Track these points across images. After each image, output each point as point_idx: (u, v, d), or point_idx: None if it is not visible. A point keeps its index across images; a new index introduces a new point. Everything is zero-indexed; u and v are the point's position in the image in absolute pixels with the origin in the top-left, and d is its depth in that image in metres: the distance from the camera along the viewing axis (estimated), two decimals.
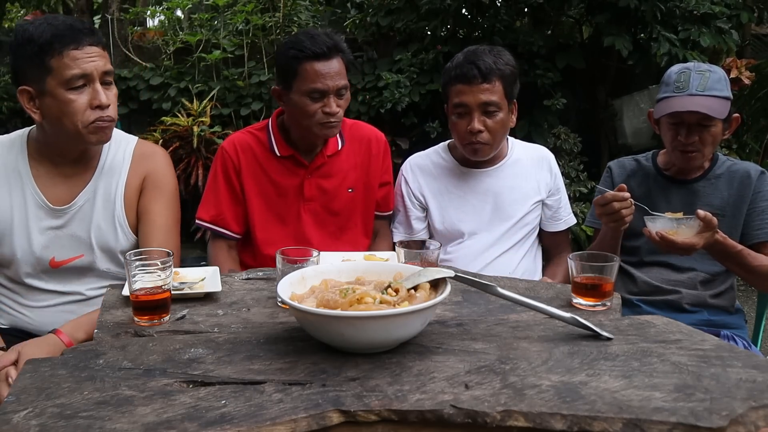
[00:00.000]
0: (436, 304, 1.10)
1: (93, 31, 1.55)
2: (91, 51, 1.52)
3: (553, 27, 4.71)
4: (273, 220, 2.00)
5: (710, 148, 1.85)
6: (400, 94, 4.39)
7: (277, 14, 4.91)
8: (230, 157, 1.98)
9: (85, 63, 1.51)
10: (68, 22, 1.53)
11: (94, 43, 1.53)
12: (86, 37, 1.52)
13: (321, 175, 2.00)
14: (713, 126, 1.80)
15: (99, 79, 1.55)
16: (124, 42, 5.22)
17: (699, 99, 1.78)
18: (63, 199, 1.67)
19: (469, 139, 1.94)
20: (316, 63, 1.82)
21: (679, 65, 1.89)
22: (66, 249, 1.68)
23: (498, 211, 2.04)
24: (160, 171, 1.74)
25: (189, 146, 4.41)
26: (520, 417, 0.91)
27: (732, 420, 0.88)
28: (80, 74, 1.51)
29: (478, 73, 1.88)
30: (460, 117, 1.94)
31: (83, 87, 1.53)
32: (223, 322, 1.29)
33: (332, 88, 1.84)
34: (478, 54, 1.92)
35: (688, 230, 1.65)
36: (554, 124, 4.43)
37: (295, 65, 1.84)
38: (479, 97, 1.89)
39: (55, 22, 1.52)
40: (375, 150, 2.07)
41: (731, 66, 4.33)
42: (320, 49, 1.82)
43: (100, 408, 0.94)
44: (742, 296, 3.79)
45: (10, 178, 1.66)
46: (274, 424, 0.89)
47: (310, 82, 1.83)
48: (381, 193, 2.10)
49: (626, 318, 1.31)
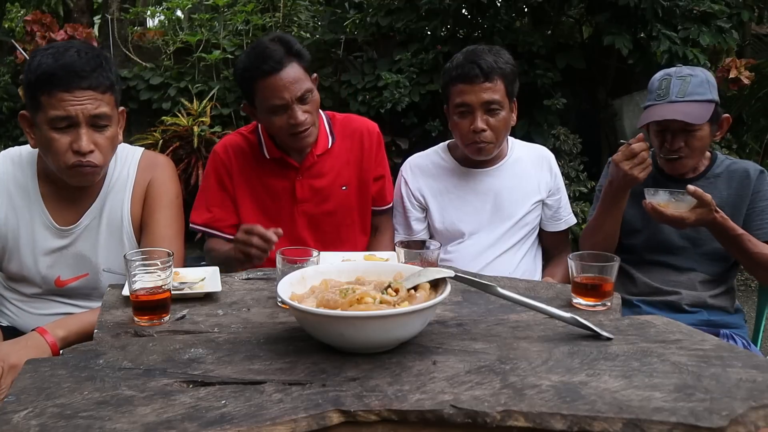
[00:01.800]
0: (436, 304, 1.10)
1: (90, 75, 1.48)
2: (81, 95, 1.48)
3: (553, 27, 4.71)
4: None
5: (699, 152, 1.85)
6: (400, 94, 4.38)
7: (277, 14, 4.91)
8: (222, 160, 1.97)
9: (71, 106, 1.47)
10: (69, 61, 1.47)
11: (89, 87, 1.48)
12: (80, 81, 1.47)
13: (312, 175, 1.98)
14: (698, 130, 1.80)
15: (86, 123, 1.51)
16: (124, 42, 5.22)
17: (678, 106, 1.79)
18: (69, 219, 1.68)
19: (472, 139, 1.94)
20: (269, 79, 1.78)
21: (662, 71, 1.90)
22: (71, 268, 1.69)
23: (498, 210, 2.04)
24: (161, 180, 1.74)
25: (189, 146, 4.41)
26: (520, 417, 0.91)
27: (732, 420, 0.88)
28: (63, 116, 1.48)
29: (479, 72, 1.88)
30: (462, 117, 1.94)
31: (68, 128, 1.50)
32: (223, 322, 1.29)
33: (292, 99, 1.80)
34: (478, 53, 1.91)
35: (682, 204, 1.69)
36: (554, 124, 4.42)
37: (250, 85, 1.82)
38: (481, 96, 1.89)
39: (58, 57, 1.48)
40: (367, 143, 2.04)
41: (731, 66, 4.33)
42: (269, 65, 1.77)
43: (100, 408, 0.94)
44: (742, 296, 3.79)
45: (19, 196, 1.66)
46: (274, 424, 0.89)
47: (269, 99, 1.80)
48: (376, 187, 2.07)
49: (626, 318, 1.31)
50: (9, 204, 1.66)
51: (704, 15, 4.13)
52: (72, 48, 1.52)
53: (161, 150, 4.31)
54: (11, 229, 1.66)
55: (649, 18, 3.99)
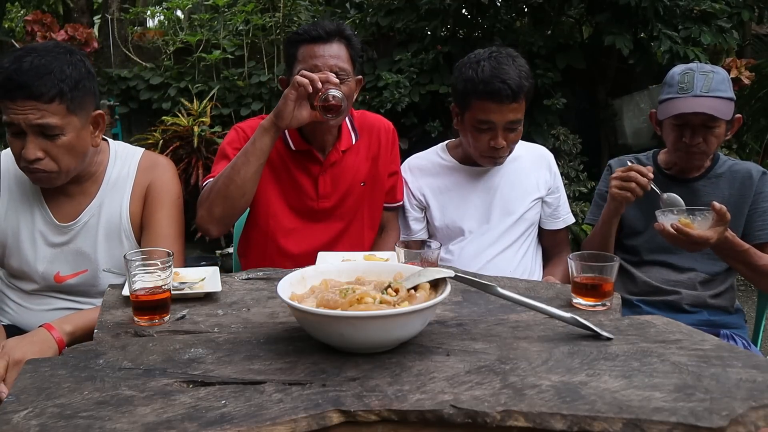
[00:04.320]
0: (436, 304, 1.10)
1: (35, 83, 1.47)
2: (23, 104, 1.48)
3: (553, 27, 4.71)
4: (288, 215, 1.97)
5: (713, 150, 1.85)
6: (400, 95, 4.38)
7: (277, 14, 4.91)
8: (246, 136, 1.91)
9: (14, 114, 1.49)
10: (13, 69, 1.47)
11: (29, 97, 1.47)
12: (20, 91, 1.47)
13: (335, 170, 1.98)
14: (717, 127, 1.79)
15: (32, 132, 1.51)
16: (124, 42, 5.22)
17: (704, 100, 1.77)
18: (69, 215, 1.70)
19: (489, 153, 1.94)
20: (313, 45, 1.82)
21: (681, 66, 1.88)
22: (70, 264, 1.71)
23: (498, 208, 2.04)
24: (162, 181, 1.75)
25: (189, 146, 4.41)
26: (520, 417, 0.91)
27: (732, 420, 0.88)
28: (9, 123, 1.50)
29: (510, 93, 1.83)
30: (481, 132, 1.91)
31: (18, 135, 1.52)
32: (223, 322, 1.29)
33: (327, 67, 1.80)
34: (504, 69, 1.85)
35: (704, 222, 1.62)
36: (554, 124, 4.42)
37: (294, 50, 1.85)
38: (507, 116, 1.87)
39: (11, 64, 1.48)
40: (384, 140, 2.06)
41: (731, 66, 4.33)
42: (317, 32, 1.81)
43: (100, 408, 0.94)
44: (742, 296, 3.79)
45: (20, 193, 1.69)
46: (274, 424, 0.89)
47: (305, 62, 1.82)
48: (389, 183, 2.07)
49: (626, 318, 1.31)
50: (10, 201, 1.69)
51: (704, 14, 4.13)
52: (32, 53, 1.51)
53: (161, 150, 4.31)
54: (12, 226, 1.69)
55: (649, 17, 3.99)
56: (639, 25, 4.16)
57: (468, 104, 1.92)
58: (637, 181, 1.69)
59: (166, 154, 4.16)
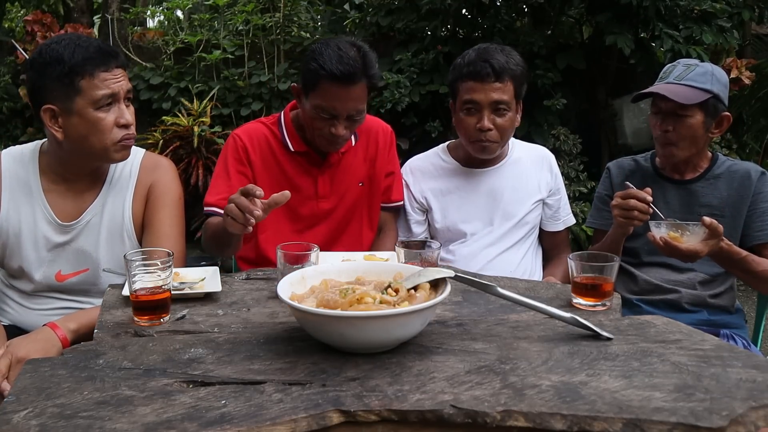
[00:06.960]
0: (436, 304, 1.10)
1: (118, 54, 1.62)
2: (117, 73, 1.58)
3: (554, 27, 4.71)
4: (285, 215, 1.97)
5: (689, 142, 1.83)
6: (400, 95, 4.38)
7: (277, 14, 4.91)
8: (244, 145, 1.94)
9: (113, 84, 1.57)
10: (95, 44, 1.58)
11: (119, 65, 1.60)
12: (114, 60, 1.58)
13: (334, 172, 1.99)
14: (689, 117, 1.79)
15: (124, 98, 1.61)
16: (124, 42, 5.22)
17: (672, 86, 1.80)
18: (71, 214, 1.70)
19: (477, 137, 1.94)
20: (335, 85, 1.75)
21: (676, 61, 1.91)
22: (72, 263, 1.71)
23: (499, 210, 2.04)
24: (163, 181, 1.76)
25: (189, 146, 4.41)
26: (520, 417, 0.91)
27: (732, 420, 0.88)
28: (109, 94, 1.56)
29: (491, 71, 1.87)
30: (468, 114, 1.93)
31: (109, 106, 1.58)
32: (223, 322, 1.29)
33: (344, 113, 1.80)
34: (490, 52, 1.91)
35: (693, 237, 1.64)
36: (554, 124, 4.42)
37: (314, 79, 1.78)
38: (491, 95, 1.89)
39: (84, 44, 1.57)
40: (382, 141, 2.07)
41: (731, 66, 4.32)
42: (342, 72, 1.73)
43: (100, 408, 0.94)
44: (742, 296, 3.79)
45: (21, 192, 1.69)
46: (274, 424, 0.89)
47: (324, 101, 1.78)
48: (386, 183, 2.08)
49: (626, 318, 1.31)
50: (11, 200, 1.69)
51: (705, 14, 4.13)
52: (83, 36, 1.62)
53: (161, 150, 4.31)
54: (12, 225, 1.69)
55: (651, 17, 3.99)
56: (640, 24, 4.16)
57: (456, 90, 1.96)
58: (638, 208, 1.69)
59: (166, 154, 4.15)
